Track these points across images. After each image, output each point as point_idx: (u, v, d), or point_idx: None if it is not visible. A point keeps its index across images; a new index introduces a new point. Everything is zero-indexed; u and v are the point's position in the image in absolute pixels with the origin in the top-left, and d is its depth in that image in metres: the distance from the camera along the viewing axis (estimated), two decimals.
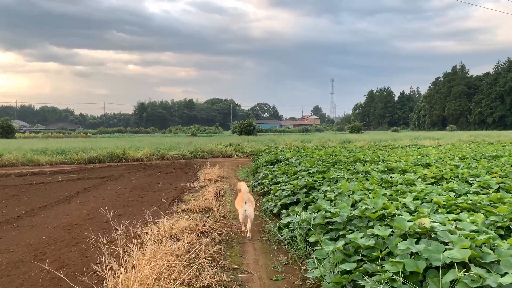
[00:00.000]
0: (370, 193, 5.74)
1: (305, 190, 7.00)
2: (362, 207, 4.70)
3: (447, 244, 3.16)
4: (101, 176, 13.71)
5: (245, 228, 6.03)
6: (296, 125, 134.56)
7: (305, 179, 7.65)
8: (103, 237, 5.31)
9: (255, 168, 13.82)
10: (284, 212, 6.36)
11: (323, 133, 75.55)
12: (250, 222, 5.92)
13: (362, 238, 3.75)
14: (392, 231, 3.76)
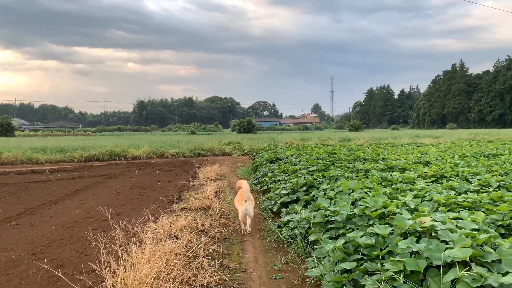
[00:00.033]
0: (370, 191, 5.73)
1: (304, 188, 6.98)
2: (362, 205, 4.69)
3: (447, 243, 3.14)
4: (100, 174, 13.69)
5: (244, 226, 6.03)
6: (296, 123, 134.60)
7: (304, 177, 7.63)
8: (102, 235, 5.31)
9: (254, 166, 13.80)
10: (284, 210, 6.36)
11: (322, 131, 75.57)
12: (250, 219, 5.97)
13: (362, 236, 3.73)
14: (392, 230, 3.75)
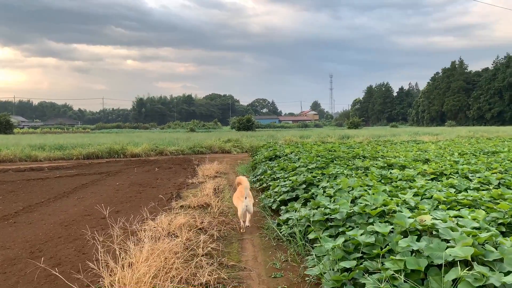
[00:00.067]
0: (370, 189, 5.69)
1: (304, 186, 6.95)
2: (362, 203, 4.66)
3: (448, 241, 3.11)
4: (99, 171, 13.64)
5: (243, 223, 6.01)
6: (295, 120, 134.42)
7: (304, 175, 7.60)
8: (101, 233, 5.29)
9: (254, 164, 13.77)
10: (283, 208, 6.32)
11: (322, 128, 75.51)
12: (249, 215, 6.02)
13: (362, 235, 3.70)
14: (392, 228, 3.72)
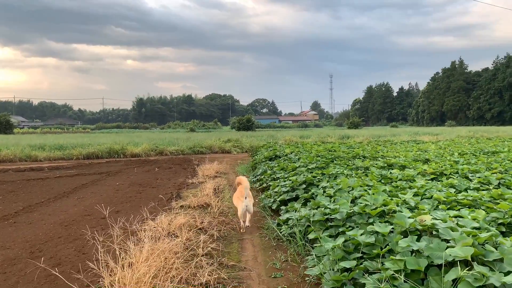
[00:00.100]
0: (370, 189, 5.69)
1: (304, 186, 6.95)
2: (362, 203, 4.66)
3: (448, 241, 3.11)
4: (99, 171, 13.64)
5: (243, 223, 6.02)
6: (295, 120, 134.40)
7: (304, 175, 7.60)
8: (101, 233, 5.29)
9: (254, 164, 13.77)
10: (283, 208, 6.32)
11: (322, 128, 75.50)
12: (249, 215, 6.06)
13: (362, 235, 3.70)
14: (392, 228, 3.72)
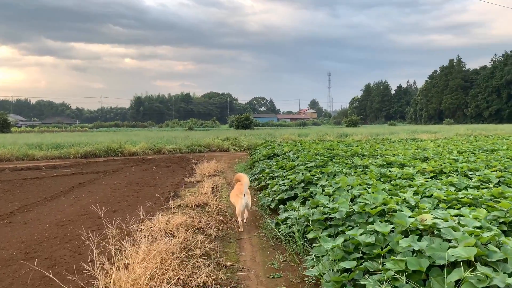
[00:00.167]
0: (369, 187, 5.64)
1: (303, 184, 6.89)
2: (361, 202, 4.60)
3: (450, 241, 3.06)
4: (96, 170, 13.55)
5: (242, 222, 5.98)
6: (293, 119, 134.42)
7: (302, 173, 7.54)
8: (97, 233, 5.21)
9: (252, 162, 13.71)
10: (282, 207, 6.26)
11: (320, 127, 75.47)
12: (247, 212, 6.14)
13: (362, 234, 3.64)
14: (393, 228, 3.66)
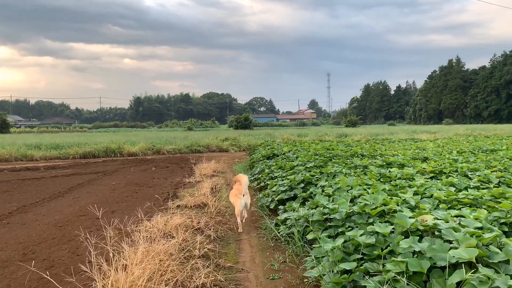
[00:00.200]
0: (369, 188, 5.61)
1: (302, 185, 6.87)
2: (361, 202, 4.57)
3: (451, 242, 3.03)
4: (95, 171, 13.52)
5: (241, 223, 5.96)
6: (293, 119, 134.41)
7: (302, 174, 7.52)
8: (95, 234, 5.18)
9: (251, 162, 13.68)
10: (281, 208, 6.23)
11: (319, 127, 75.46)
12: (246, 212, 6.18)
13: (362, 235, 3.61)
14: (393, 228, 3.63)
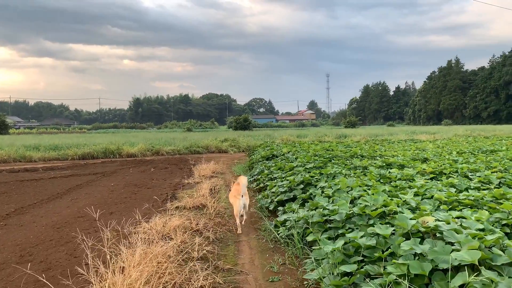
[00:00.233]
0: (369, 189, 5.57)
1: (302, 186, 6.82)
2: (361, 204, 4.53)
3: (453, 244, 2.99)
4: (94, 172, 13.46)
5: (240, 224, 5.92)
6: (292, 120, 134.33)
7: (301, 174, 7.47)
8: (93, 236, 5.13)
9: (250, 163, 13.63)
10: (281, 209, 6.19)
11: (319, 128, 75.39)
12: (245, 213, 6.17)
13: (362, 237, 3.57)
14: (394, 230, 3.59)
